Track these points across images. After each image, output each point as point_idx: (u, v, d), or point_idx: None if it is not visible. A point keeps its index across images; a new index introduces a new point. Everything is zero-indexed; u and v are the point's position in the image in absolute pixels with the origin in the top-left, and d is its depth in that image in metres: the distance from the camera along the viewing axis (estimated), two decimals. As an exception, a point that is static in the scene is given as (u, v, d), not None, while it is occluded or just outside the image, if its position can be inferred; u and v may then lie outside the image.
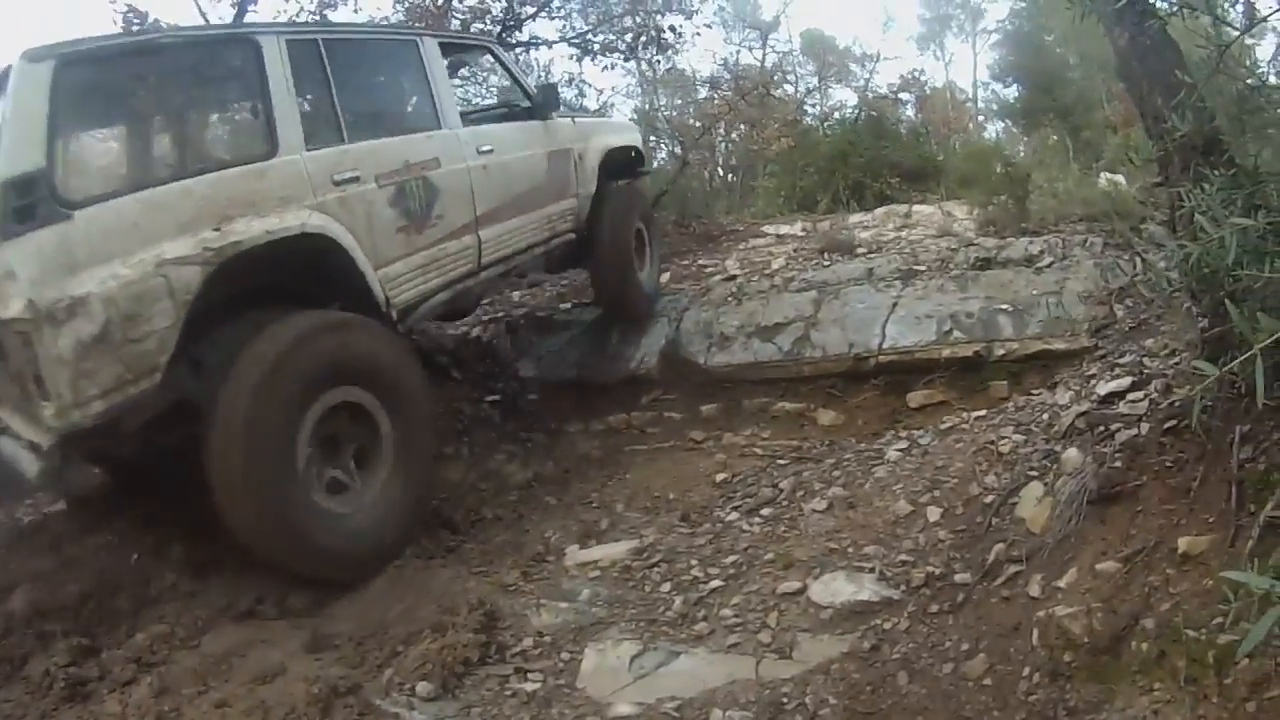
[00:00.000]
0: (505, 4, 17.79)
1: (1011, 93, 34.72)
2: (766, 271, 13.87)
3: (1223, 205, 4.12)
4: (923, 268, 12.26)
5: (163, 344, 6.09)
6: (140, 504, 9.14)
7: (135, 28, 14.00)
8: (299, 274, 7.24)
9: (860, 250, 14.09)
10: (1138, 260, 10.76)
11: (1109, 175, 15.57)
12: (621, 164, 12.25)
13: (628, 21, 18.80)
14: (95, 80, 6.23)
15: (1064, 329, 10.41)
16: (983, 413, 9.05)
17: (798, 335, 11.70)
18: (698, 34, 20.43)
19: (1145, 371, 7.36)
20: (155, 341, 6.02)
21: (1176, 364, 7.04)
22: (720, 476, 9.72)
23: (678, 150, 27.46)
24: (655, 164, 29.64)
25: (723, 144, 29.22)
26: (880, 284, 12.11)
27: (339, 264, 7.33)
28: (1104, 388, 7.37)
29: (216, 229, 6.31)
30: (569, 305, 15.18)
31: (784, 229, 19.45)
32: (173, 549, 8.26)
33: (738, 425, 11.32)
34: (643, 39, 18.91)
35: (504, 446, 11.90)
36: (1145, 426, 5.90)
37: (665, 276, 16.07)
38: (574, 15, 18.93)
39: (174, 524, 9.24)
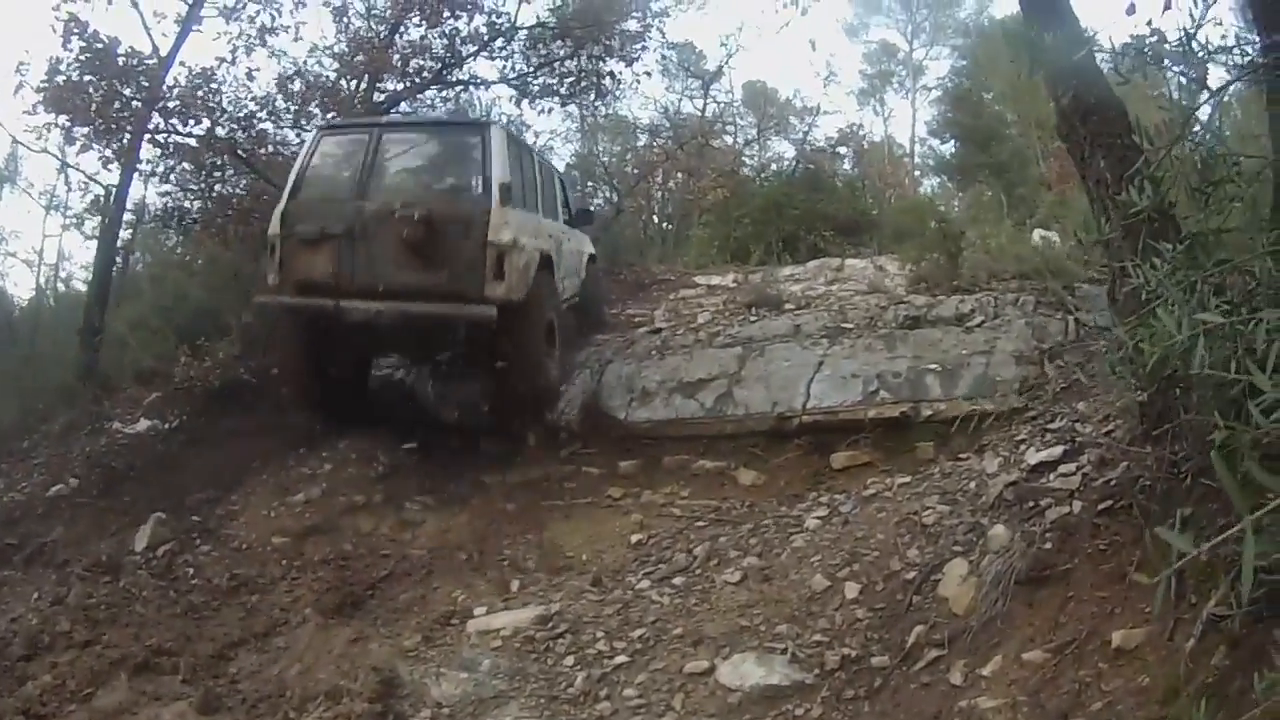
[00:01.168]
0: (445, 42, 17.60)
1: (948, 149, 35.16)
2: (692, 325, 13.61)
3: (1178, 288, 3.79)
4: (851, 325, 12.00)
5: (530, 279, 10.76)
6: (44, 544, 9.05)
7: (75, 37, 14.11)
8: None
9: (788, 306, 13.84)
10: (1070, 320, 10.72)
11: (1042, 232, 15.61)
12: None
13: (569, 65, 18.57)
14: (509, 139, 11.41)
15: (994, 389, 10.16)
16: (907, 479, 8.72)
17: (721, 392, 11.40)
18: (637, 81, 20.33)
19: (1077, 439, 7.10)
20: (529, 276, 10.76)
21: (1110, 432, 6.77)
22: (635, 538, 9.36)
23: (613, 197, 27.37)
24: (590, 210, 29.96)
25: (659, 192, 29.13)
26: (807, 341, 11.83)
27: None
28: (1034, 456, 7.13)
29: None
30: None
31: (715, 279, 19.35)
32: (71, 591, 7.98)
33: (657, 483, 10.94)
34: (582, 84, 18.74)
35: (419, 497, 11.55)
36: (1078, 505, 5.59)
37: None
38: (515, 56, 18.68)
39: (76, 562, 8.98)
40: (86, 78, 14.23)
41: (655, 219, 30.96)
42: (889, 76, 42.93)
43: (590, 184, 31.75)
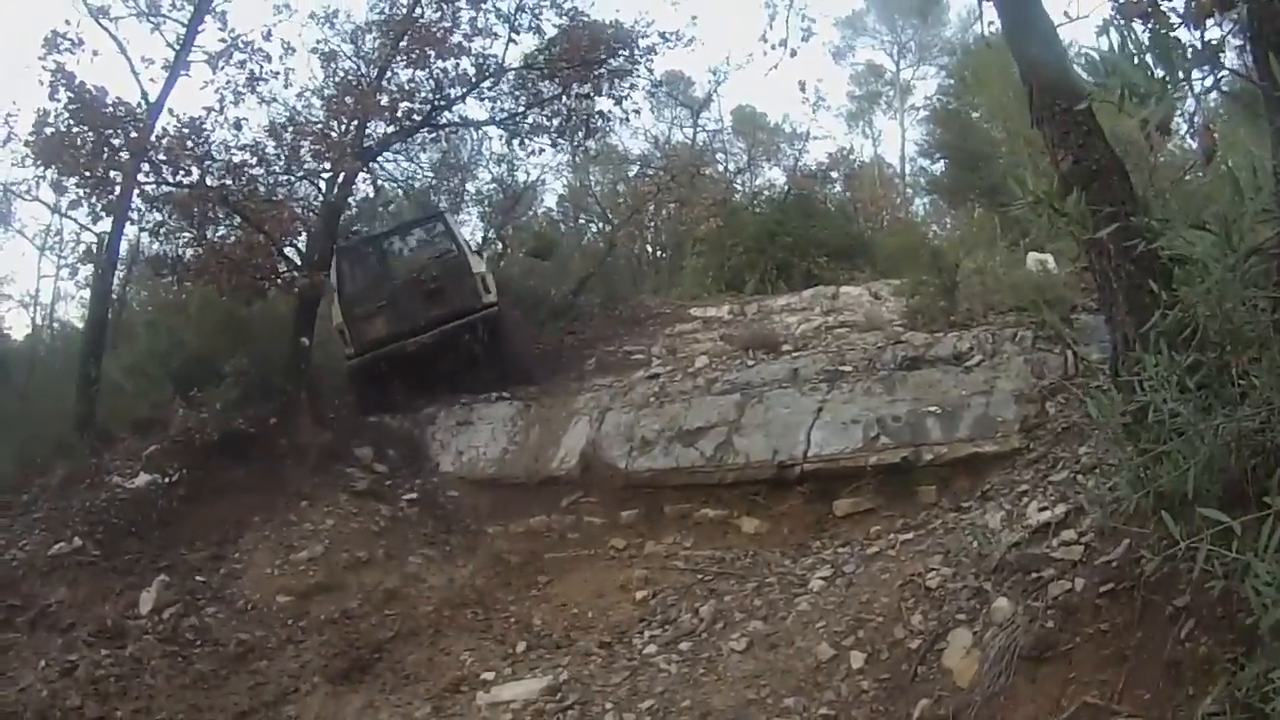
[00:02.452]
0: (433, 84, 17.63)
1: (939, 168, 35.03)
2: (690, 369, 13.58)
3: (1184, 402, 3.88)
4: (849, 368, 11.92)
5: (494, 288, 15.65)
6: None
7: (62, 88, 14.03)
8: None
9: (786, 347, 13.77)
10: (1069, 355, 10.65)
11: (1037, 255, 15.47)
12: None
13: (558, 104, 18.57)
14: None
15: (994, 430, 10.14)
16: (910, 535, 8.72)
17: (720, 440, 11.42)
18: (626, 119, 20.35)
19: (1078, 494, 7.08)
20: (493, 286, 15.66)
21: (1112, 487, 6.79)
22: (641, 593, 9.44)
23: (605, 228, 27.44)
24: (583, 243, 30.40)
25: (651, 222, 29.16)
26: (806, 386, 11.81)
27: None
28: (1037, 515, 7.12)
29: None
30: (491, 396, 14.89)
31: (711, 311, 19.62)
32: (80, 663, 8.16)
33: (659, 532, 11.06)
34: (571, 122, 18.75)
35: (422, 550, 11.70)
36: (1080, 582, 5.62)
37: (590, 363, 16.20)
38: (504, 97, 18.69)
39: (82, 626, 8.99)
40: (75, 129, 14.15)
41: (649, 249, 31.05)
42: (876, 97, 42.89)
43: (583, 217, 32.26)
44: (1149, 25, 4.18)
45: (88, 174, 14.32)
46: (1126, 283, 4.92)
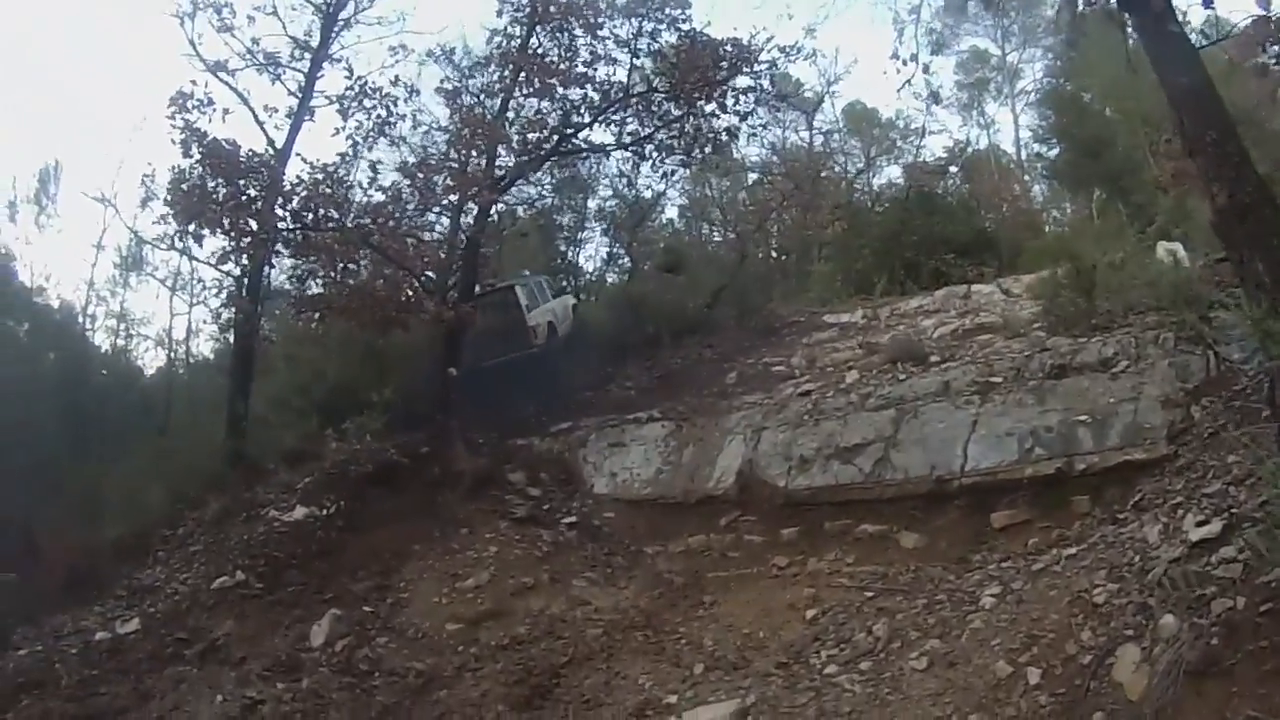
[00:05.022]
0: (560, 113, 18.03)
1: (1055, 153, 34.27)
2: (841, 385, 13.77)
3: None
4: (999, 379, 12.06)
5: (544, 334, 20.75)
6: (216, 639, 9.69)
7: (195, 146, 14.60)
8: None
9: (933, 358, 13.85)
10: (1210, 355, 10.65)
11: (1167, 245, 15.35)
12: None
13: (684, 124, 18.79)
14: (526, 281, 21.89)
15: (1143, 437, 10.28)
16: (1072, 551, 8.93)
17: (878, 456, 11.75)
18: (753, 134, 20.56)
19: (1233, 511, 7.31)
20: (544, 333, 20.60)
21: (1265, 503, 7.01)
22: (810, 612, 9.77)
23: (732, 235, 27.69)
24: (708, 251, 30.48)
25: (775, 228, 29.14)
26: (958, 399, 12.01)
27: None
28: (1193, 530, 7.36)
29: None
30: (642, 416, 15.28)
31: (845, 317, 19.73)
32: (264, 701, 8.91)
33: (820, 549, 11.34)
34: (699, 141, 18.94)
35: (585, 573, 12.08)
36: (1241, 600, 5.94)
37: (731, 377, 16.47)
38: (630, 119, 18.96)
39: (254, 659, 9.52)
40: (212, 183, 14.68)
41: (775, 256, 31.12)
42: (985, 84, 42.10)
43: (707, 227, 32.56)
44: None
45: (227, 225, 14.82)
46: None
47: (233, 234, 15.03)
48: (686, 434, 14.00)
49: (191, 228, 15.05)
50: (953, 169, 30.73)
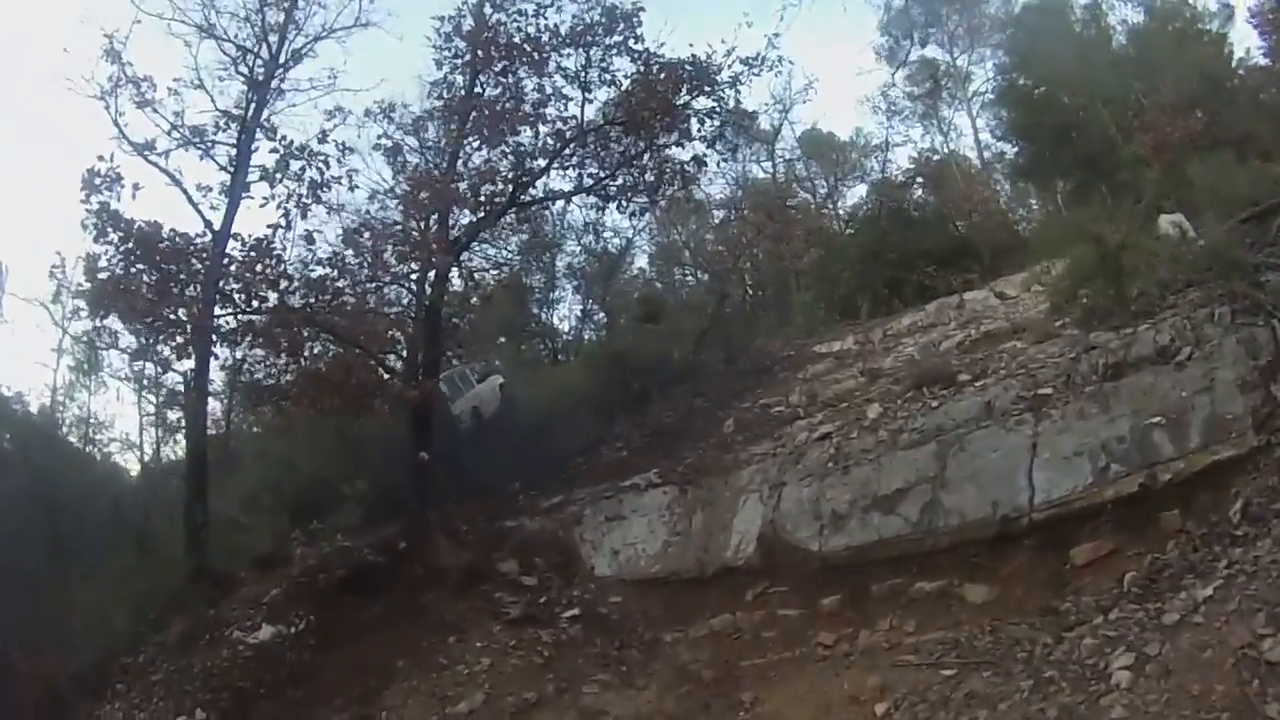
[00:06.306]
0: (512, 159, 16.79)
1: (1014, 151, 33.89)
2: (864, 423, 12.07)
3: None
4: (1048, 390, 10.45)
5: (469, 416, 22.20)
6: None
7: (111, 229, 13.56)
8: None
9: (963, 377, 12.09)
10: (1275, 325, 9.45)
11: (1168, 218, 14.76)
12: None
13: (646, 158, 17.58)
14: (458, 372, 21.91)
15: (1227, 430, 8.92)
16: (1208, 591, 7.22)
17: (925, 501, 10.16)
18: (722, 160, 19.51)
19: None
20: (468, 417, 21.90)
21: None
22: (881, 706, 8.11)
23: (706, 277, 27.61)
24: (684, 296, 29.84)
25: (749, 265, 28.52)
26: (1007, 420, 10.38)
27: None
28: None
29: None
30: (640, 482, 13.75)
31: (836, 345, 18.77)
32: None
33: (871, 618, 9.76)
34: (665, 174, 17.76)
35: (596, 676, 10.66)
36: None
37: (729, 425, 15.07)
38: (589, 161, 17.71)
39: None
40: (133, 269, 13.63)
41: (751, 292, 30.40)
42: (938, 91, 41.91)
43: (680, 271, 31.87)
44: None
45: (150, 318, 13.83)
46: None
47: (158, 325, 13.97)
48: (693, 498, 12.57)
49: (107, 321, 14.35)
50: (919, 180, 30.08)
